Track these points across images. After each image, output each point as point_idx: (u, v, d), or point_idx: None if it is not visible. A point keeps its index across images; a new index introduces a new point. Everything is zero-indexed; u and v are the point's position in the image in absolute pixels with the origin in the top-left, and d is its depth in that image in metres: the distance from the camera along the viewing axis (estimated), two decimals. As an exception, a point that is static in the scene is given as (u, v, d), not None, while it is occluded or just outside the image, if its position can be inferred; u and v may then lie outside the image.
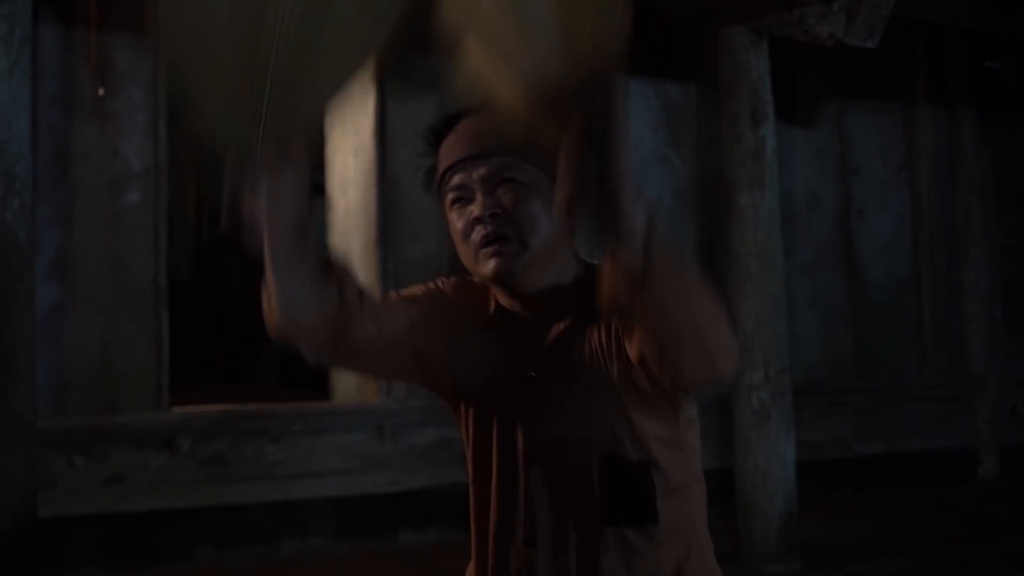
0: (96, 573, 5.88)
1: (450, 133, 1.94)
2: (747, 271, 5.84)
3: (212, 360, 13.51)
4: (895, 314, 9.17)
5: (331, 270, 1.84)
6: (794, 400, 5.95)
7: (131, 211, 6.30)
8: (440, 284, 2.05)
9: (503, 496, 1.88)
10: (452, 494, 6.42)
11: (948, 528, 7.08)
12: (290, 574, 5.81)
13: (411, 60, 6.39)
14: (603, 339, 1.83)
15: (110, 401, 6.15)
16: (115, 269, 6.25)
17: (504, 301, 1.93)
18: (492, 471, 1.89)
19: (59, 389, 6.03)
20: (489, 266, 1.85)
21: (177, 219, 11.79)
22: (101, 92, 6.22)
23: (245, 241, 1.81)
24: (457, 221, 1.90)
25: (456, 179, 1.90)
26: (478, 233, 1.85)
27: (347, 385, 7.06)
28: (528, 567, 1.86)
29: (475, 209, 1.86)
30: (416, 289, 2.03)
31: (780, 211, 5.98)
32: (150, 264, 6.33)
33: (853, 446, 8.60)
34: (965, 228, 9.35)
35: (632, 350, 1.72)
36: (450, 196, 1.92)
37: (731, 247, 5.96)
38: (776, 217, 5.91)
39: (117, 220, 6.26)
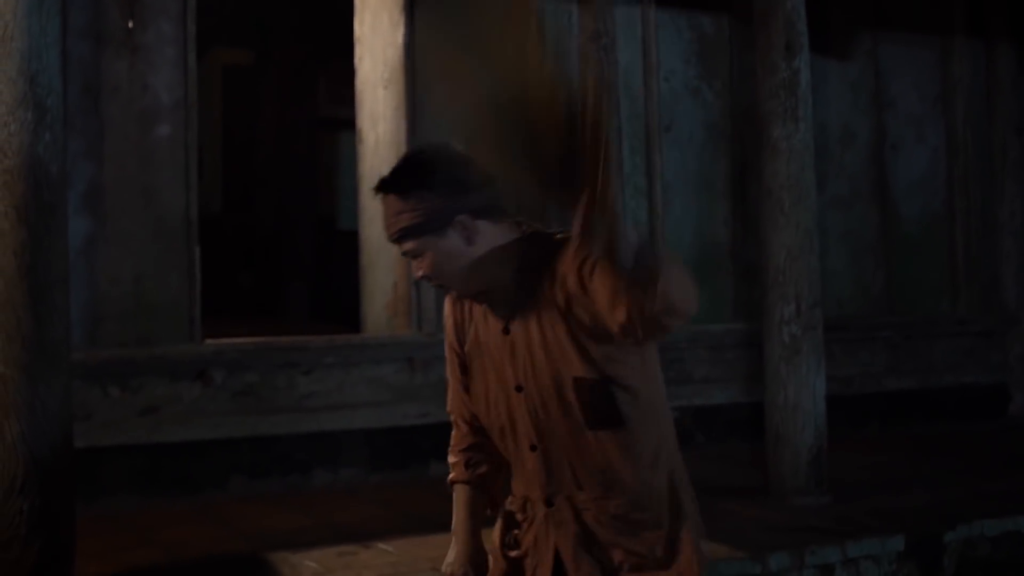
0: (131, 502, 5.96)
1: (383, 197, 2.52)
2: (779, 205, 5.80)
3: (243, 294, 13.58)
4: (928, 249, 9.11)
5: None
6: (825, 335, 5.93)
7: (161, 144, 6.30)
8: (447, 314, 2.72)
9: (507, 420, 2.55)
10: (482, 427, 6.45)
11: (978, 463, 7.08)
12: (322, 504, 5.87)
13: (441, -9, 6.33)
14: (554, 294, 2.43)
15: (143, 333, 6.20)
16: (146, 202, 6.27)
17: (478, 304, 2.61)
18: (493, 404, 2.58)
19: (93, 322, 6.07)
20: (451, 294, 2.65)
21: (207, 152, 11.80)
22: (130, 24, 6.21)
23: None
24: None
25: (396, 245, 2.54)
26: (425, 277, 2.54)
27: (377, 318, 7.09)
28: (537, 466, 2.53)
29: (417, 267, 2.54)
30: (449, 332, 2.71)
31: (813, 144, 5.92)
32: (181, 197, 6.34)
33: (884, 381, 8.58)
34: (1001, 163, 9.25)
35: (616, 315, 2.23)
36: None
37: (763, 180, 5.92)
38: (809, 150, 5.86)
39: (147, 153, 6.27)
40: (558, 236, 2.54)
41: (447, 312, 2.72)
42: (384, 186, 2.50)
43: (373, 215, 7.14)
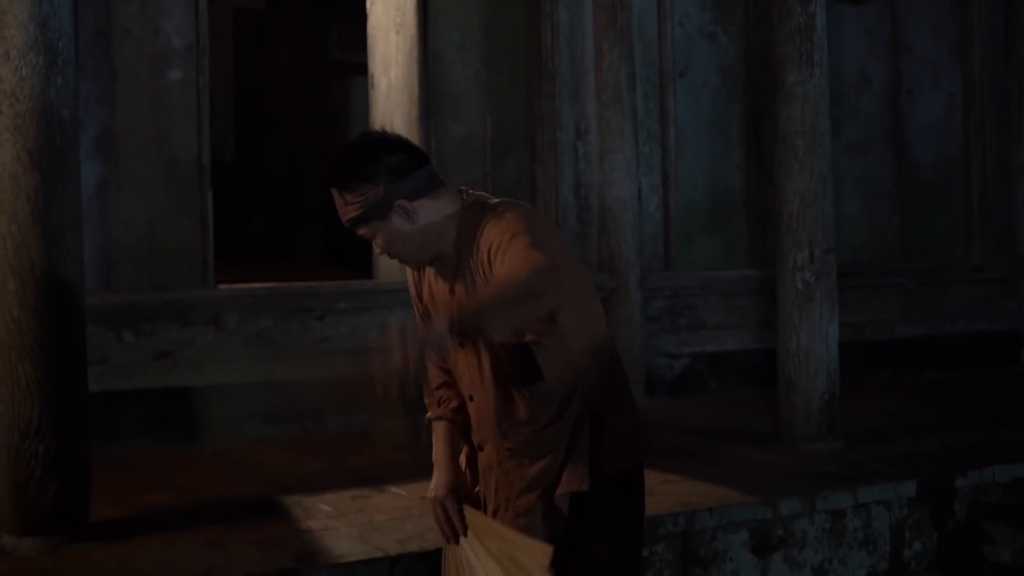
0: (146, 445, 6.00)
1: (331, 189, 2.85)
2: (794, 150, 5.76)
3: (256, 239, 13.59)
4: (943, 195, 9.07)
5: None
6: (838, 281, 5.92)
7: (173, 89, 6.28)
8: (408, 275, 3.06)
9: (457, 371, 2.95)
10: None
11: (990, 409, 7.09)
12: (336, 448, 5.90)
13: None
14: (480, 263, 2.75)
15: (157, 278, 6.21)
16: (158, 147, 6.26)
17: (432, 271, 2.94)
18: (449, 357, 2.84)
19: (107, 266, 6.09)
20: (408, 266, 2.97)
21: (219, 97, 11.77)
22: (141, -32, 6.17)
23: None
24: None
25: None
26: (385, 254, 2.87)
27: (389, 264, 7.08)
28: (476, 415, 2.93)
29: (375, 246, 2.88)
30: (411, 289, 3.06)
31: (828, 90, 5.87)
32: (193, 142, 6.33)
33: (897, 328, 8.58)
34: (1017, 108, 9.18)
35: None
36: None
37: (778, 126, 5.88)
38: (824, 96, 5.81)
39: (159, 98, 6.25)
40: (493, 203, 2.87)
41: (408, 273, 3.06)
42: (329, 181, 2.83)
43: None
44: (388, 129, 2.98)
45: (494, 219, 2.77)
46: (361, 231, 2.83)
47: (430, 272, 2.95)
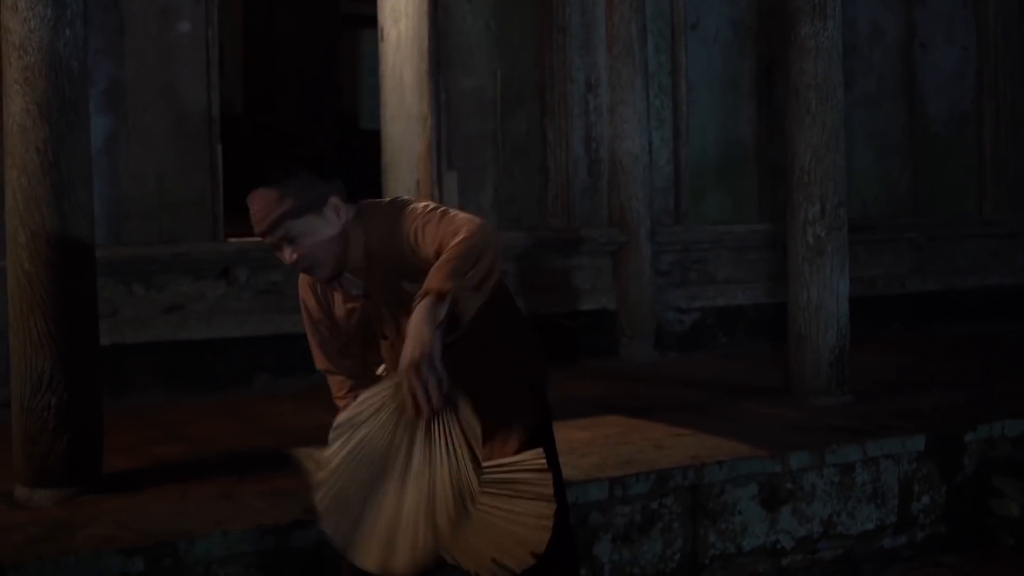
0: (157, 397, 6.03)
1: (249, 203, 2.90)
2: (806, 103, 5.73)
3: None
4: (955, 149, 9.02)
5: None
6: (849, 235, 5.90)
7: (182, 41, 6.26)
8: (305, 300, 3.16)
9: (385, 359, 3.10)
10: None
11: (1001, 364, 7.08)
12: (346, 402, 5.92)
13: None
14: (394, 253, 2.85)
15: (166, 232, 6.22)
16: (168, 100, 6.25)
17: (337, 284, 3.03)
18: (373, 355, 3.12)
19: (116, 219, 6.09)
20: (315, 278, 3.02)
21: (228, 50, 11.72)
22: (149, -82, 6.13)
23: None
24: (280, 259, 2.96)
25: (266, 241, 2.92)
26: (297, 268, 2.98)
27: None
28: (389, 350, 3.03)
29: (286, 256, 2.92)
30: (311, 311, 3.16)
31: (841, 42, 5.82)
32: (202, 95, 6.31)
33: (908, 282, 8.56)
34: (1031, 62, 9.11)
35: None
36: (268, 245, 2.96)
37: (790, 79, 5.84)
38: (837, 48, 5.77)
39: (168, 50, 6.23)
40: (386, 201, 3.00)
41: (304, 297, 3.14)
42: (258, 182, 2.87)
43: (395, 113, 7.10)
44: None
45: (397, 212, 2.87)
46: (286, 229, 2.86)
47: (333, 293, 3.06)
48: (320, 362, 3.25)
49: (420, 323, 2.58)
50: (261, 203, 2.88)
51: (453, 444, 2.67)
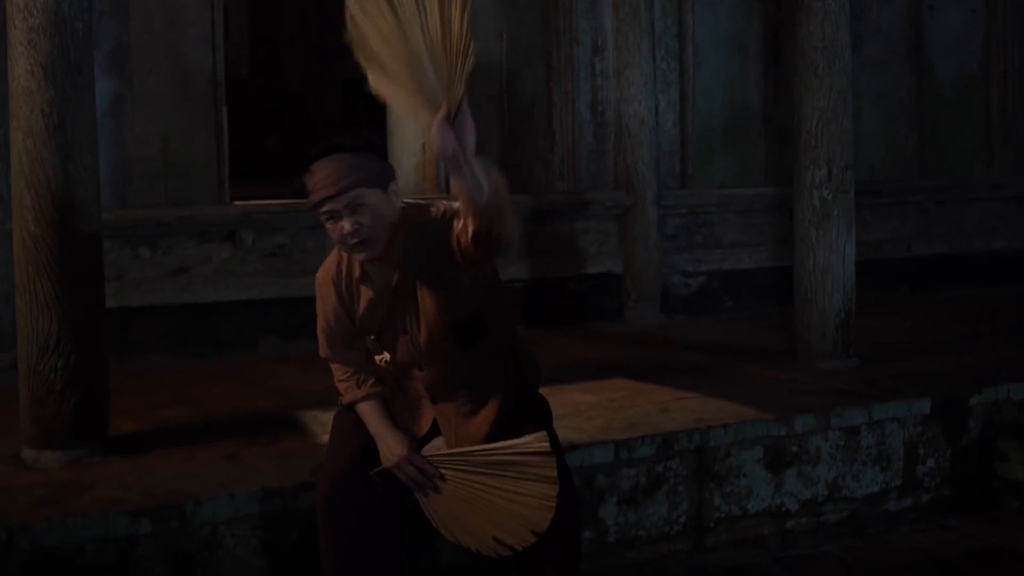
0: (163, 360, 6.04)
1: (315, 168, 3.06)
2: (813, 66, 5.70)
3: (271, 156, 13.56)
4: (963, 112, 8.99)
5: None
6: (856, 199, 5.88)
7: (187, 3, 6.23)
8: (324, 293, 3.29)
9: (399, 351, 3.24)
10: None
11: (1007, 327, 7.07)
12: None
13: None
14: (437, 259, 3.02)
15: (172, 194, 6.21)
16: (173, 62, 6.23)
17: (365, 266, 3.19)
18: (391, 341, 3.24)
19: (122, 182, 6.09)
20: (357, 253, 3.10)
21: (233, 12, 11.66)
22: None
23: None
24: (332, 231, 3.08)
25: (327, 206, 3.04)
26: (349, 240, 3.04)
27: (406, 180, 7.07)
28: (426, 382, 3.29)
29: (345, 226, 3.03)
30: (333, 307, 3.29)
31: (849, 4, 5.79)
32: (207, 57, 6.29)
33: (914, 246, 8.55)
34: (1040, 24, 9.05)
35: (468, 241, 2.84)
36: (324, 216, 3.07)
37: (797, 41, 5.80)
38: (844, 10, 5.73)
39: (173, 12, 6.20)
40: (432, 210, 3.12)
41: (324, 291, 3.28)
42: (333, 149, 3.06)
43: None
44: None
45: (438, 220, 3.05)
46: (350, 199, 3.01)
47: (361, 284, 3.22)
48: (324, 351, 3.42)
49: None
50: (335, 166, 3.02)
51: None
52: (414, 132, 6.99)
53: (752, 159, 8.09)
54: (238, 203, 6.38)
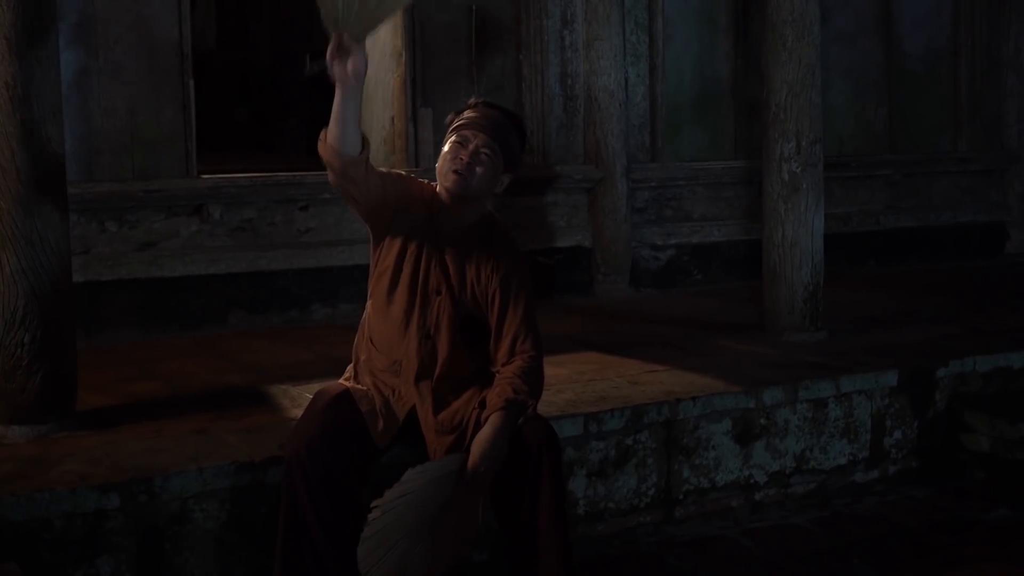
0: (132, 334, 6.01)
1: (482, 108, 3.46)
2: (782, 39, 5.70)
3: (240, 129, 13.48)
4: (931, 86, 9.03)
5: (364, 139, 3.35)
6: (825, 172, 5.90)
7: (153, -26, 6.17)
8: (410, 186, 3.50)
9: (416, 309, 3.47)
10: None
11: (974, 300, 7.13)
12: (321, 339, 5.93)
13: None
14: (490, 270, 3.48)
15: (139, 168, 6.17)
16: (139, 35, 6.16)
17: (443, 207, 3.45)
18: (405, 292, 3.48)
19: (89, 155, 6.03)
20: (450, 179, 3.37)
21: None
22: None
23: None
24: (450, 148, 3.40)
25: (466, 131, 3.40)
26: (457, 161, 3.35)
27: (375, 153, 7.01)
28: (423, 352, 3.48)
29: (466, 153, 3.37)
30: (399, 178, 3.49)
31: (818, -23, 5.80)
32: (174, 30, 6.23)
33: (882, 219, 8.60)
34: (1007, -1, 9.09)
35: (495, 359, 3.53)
36: (456, 135, 3.41)
37: (767, 15, 5.81)
38: (814, -17, 5.74)
39: (139, -17, 6.14)
40: (512, 237, 3.60)
41: (411, 186, 3.49)
42: (509, 113, 3.50)
43: (369, 48, 7.02)
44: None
45: (510, 243, 3.56)
46: (484, 142, 3.36)
47: (433, 219, 3.46)
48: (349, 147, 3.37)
49: (498, 436, 3.24)
50: (499, 119, 3.44)
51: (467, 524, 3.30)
52: (382, 103, 6.96)
53: (721, 132, 8.11)
54: (206, 177, 6.34)
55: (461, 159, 3.35)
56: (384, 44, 6.90)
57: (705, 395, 4.62)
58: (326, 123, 3.27)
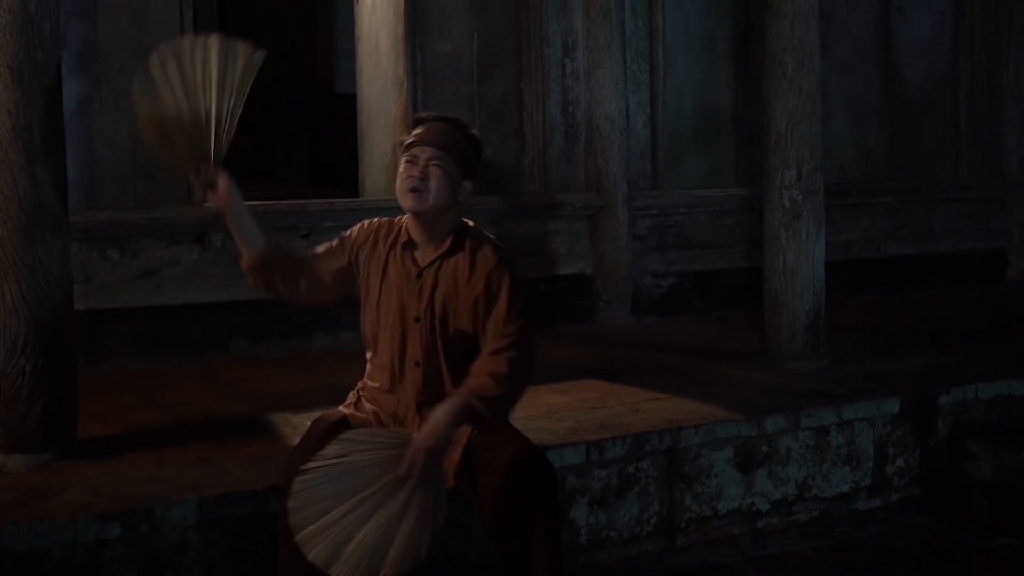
0: (133, 364, 6.00)
1: (428, 124, 3.48)
2: (782, 68, 5.72)
3: (241, 157, 13.48)
4: (931, 114, 9.04)
5: (290, 259, 3.82)
6: (825, 200, 5.91)
7: (156, 2, 6.19)
8: (356, 235, 3.63)
9: (399, 339, 3.51)
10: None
11: (975, 327, 7.12)
12: (323, 367, 5.92)
13: None
14: (474, 284, 3.44)
15: (141, 196, 6.18)
16: (141, 63, 6.08)
17: (412, 231, 3.50)
18: (391, 325, 3.51)
19: (91, 184, 6.04)
20: (408, 198, 3.40)
21: (204, 13, 11.59)
22: None
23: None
24: (402, 168, 3.44)
25: (414, 149, 3.43)
26: (410, 180, 3.39)
27: (376, 182, 7.05)
28: (417, 379, 3.50)
29: (416, 169, 3.40)
30: (331, 244, 3.69)
31: (818, 6, 5.82)
32: (177, 59, 6.23)
33: (883, 246, 8.60)
34: (1007, 26, 9.12)
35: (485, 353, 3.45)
36: (406, 155, 3.45)
37: (767, 43, 5.83)
38: (814, 12, 5.76)
39: (141, 11, 6.16)
40: (492, 240, 3.54)
41: (357, 234, 3.61)
42: (454, 121, 3.48)
43: (371, 77, 7.06)
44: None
45: (487, 247, 3.48)
46: (434, 154, 3.38)
47: (394, 253, 3.50)
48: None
49: (445, 419, 3.20)
50: (443, 129, 3.44)
51: (416, 516, 3.13)
52: (383, 133, 6.98)
53: (722, 160, 8.12)
54: (208, 205, 6.33)
55: (413, 176, 3.38)
56: (386, 73, 6.92)
57: (707, 423, 4.62)
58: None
